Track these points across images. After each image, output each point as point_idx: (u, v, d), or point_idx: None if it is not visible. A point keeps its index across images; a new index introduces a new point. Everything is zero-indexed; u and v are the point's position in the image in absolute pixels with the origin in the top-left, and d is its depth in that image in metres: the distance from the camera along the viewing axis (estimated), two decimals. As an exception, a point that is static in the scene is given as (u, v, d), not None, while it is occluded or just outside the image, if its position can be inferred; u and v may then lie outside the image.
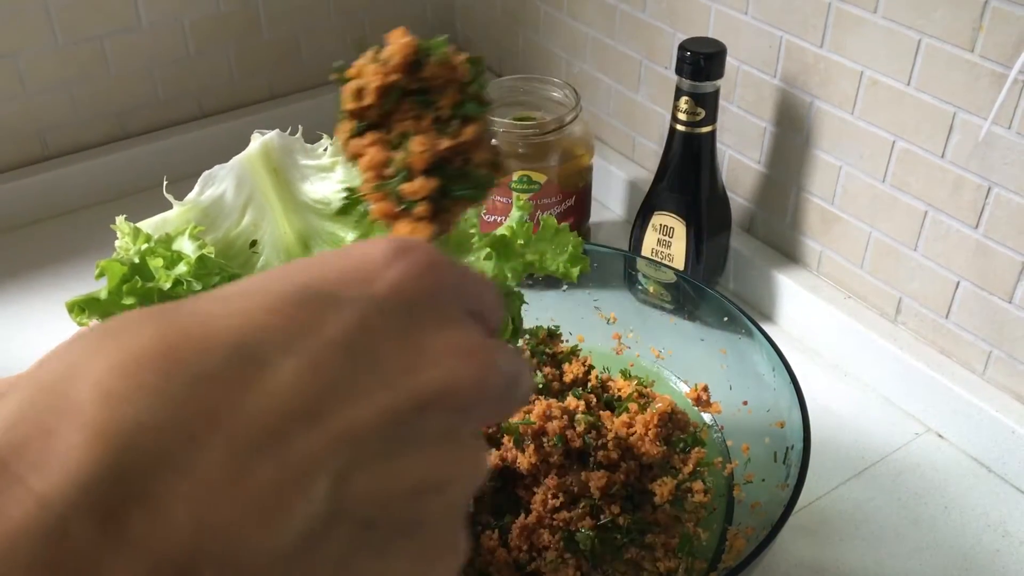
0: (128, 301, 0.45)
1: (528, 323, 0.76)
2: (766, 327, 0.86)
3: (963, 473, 0.75)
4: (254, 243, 0.53)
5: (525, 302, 0.50)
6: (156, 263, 0.46)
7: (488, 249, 0.49)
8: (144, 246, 0.47)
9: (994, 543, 0.69)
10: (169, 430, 0.21)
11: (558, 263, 0.51)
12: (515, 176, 0.87)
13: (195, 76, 1.07)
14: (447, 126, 0.37)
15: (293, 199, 0.55)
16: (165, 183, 0.53)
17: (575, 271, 0.51)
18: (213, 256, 0.49)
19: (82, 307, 0.45)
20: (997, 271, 0.72)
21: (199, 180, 0.54)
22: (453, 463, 0.26)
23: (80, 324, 0.45)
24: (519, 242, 0.50)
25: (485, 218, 0.89)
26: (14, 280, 0.94)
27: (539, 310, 0.77)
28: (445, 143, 0.37)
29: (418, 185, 0.37)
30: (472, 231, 0.53)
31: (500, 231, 0.51)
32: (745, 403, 0.70)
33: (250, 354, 0.23)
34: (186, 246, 0.48)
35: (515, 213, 0.52)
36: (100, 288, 0.45)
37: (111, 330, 0.23)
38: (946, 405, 0.76)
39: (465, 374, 0.26)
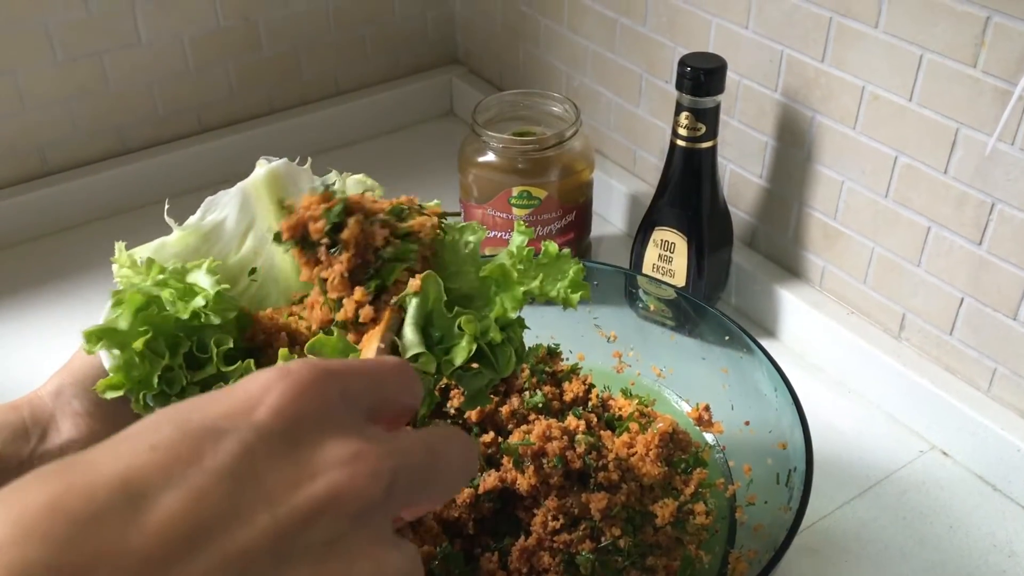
0: (144, 329, 0.44)
1: (528, 341, 0.75)
2: (768, 343, 0.85)
3: (969, 492, 0.74)
4: (253, 271, 0.53)
5: (527, 327, 0.49)
6: (167, 295, 0.45)
7: (489, 279, 0.49)
8: (159, 276, 0.46)
9: (1000, 563, 0.69)
10: (57, 569, 0.23)
11: (558, 289, 0.50)
12: (515, 192, 0.86)
13: (195, 92, 1.07)
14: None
15: None
16: (167, 207, 0.52)
17: (575, 297, 0.50)
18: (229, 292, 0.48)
19: (99, 336, 0.44)
20: (1001, 288, 0.71)
21: (202, 205, 0.53)
22: (347, 567, 0.27)
23: (90, 352, 0.45)
24: (518, 270, 0.49)
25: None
26: (14, 296, 0.93)
27: (539, 328, 0.77)
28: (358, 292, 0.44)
29: (350, 311, 0.44)
30: (467, 251, 0.52)
31: (500, 259, 0.50)
32: (747, 423, 0.69)
33: (133, 492, 0.25)
34: (203, 280, 0.48)
35: (516, 238, 0.52)
36: (117, 317, 0.44)
37: (7, 491, 0.25)
38: (951, 423, 0.76)
39: (347, 482, 0.28)
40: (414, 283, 0.45)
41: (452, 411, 0.69)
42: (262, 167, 0.53)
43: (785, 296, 0.86)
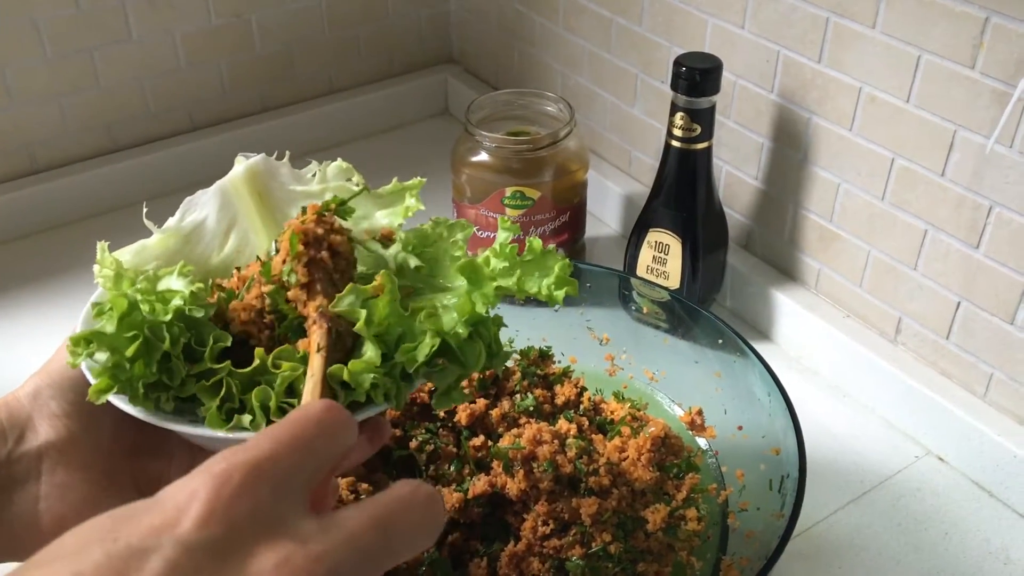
0: (130, 335, 0.44)
1: (519, 343, 0.75)
2: (763, 346, 0.84)
3: (964, 498, 0.73)
4: (238, 270, 0.52)
5: (504, 324, 0.48)
6: (144, 307, 0.45)
7: (461, 277, 0.48)
8: (131, 290, 0.46)
9: (996, 570, 0.68)
10: None
11: (541, 286, 0.49)
12: (508, 192, 0.86)
13: (187, 89, 1.06)
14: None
15: (279, 225, 0.53)
16: (145, 210, 0.52)
17: (560, 294, 0.49)
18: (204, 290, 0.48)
19: (88, 341, 0.44)
20: (999, 292, 0.70)
21: (181, 205, 0.52)
22: None
23: (74, 358, 0.44)
24: (495, 267, 0.49)
25: (478, 234, 0.88)
26: (3, 295, 0.92)
27: (530, 330, 0.76)
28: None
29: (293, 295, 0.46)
30: (458, 253, 0.52)
31: (480, 256, 0.50)
32: (740, 428, 0.68)
33: None
34: (175, 284, 0.47)
35: (500, 234, 0.51)
36: (104, 322, 0.44)
37: None
38: (947, 428, 0.75)
39: None
40: (375, 284, 0.45)
41: (442, 414, 0.68)
42: (240, 164, 0.53)
43: (780, 299, 0.85)
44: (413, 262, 0.49)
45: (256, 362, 0.45)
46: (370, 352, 0.44)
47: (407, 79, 1.19)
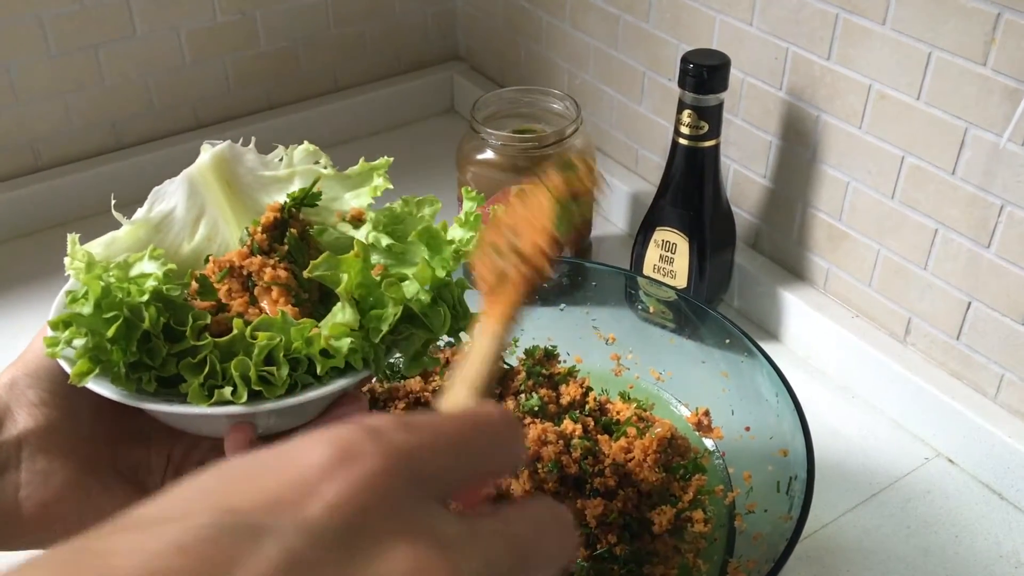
0: (108, 316, 0.44)
1: (525, 342, 0.74)
2: (771, 346, 0.84)
3: (974, 500, 0.72)
4: (208, 258, 0.51)
5: (468, 286, 0.48)
6: (116, 292, 0.45)
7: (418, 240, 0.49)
8: (104, 276, 0.46)
9: (1007, 573, 0.67)
10: None
11: None
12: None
13: (191, 86, 1.05)
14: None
15: (249, 212, 0.53)
16: (113, 201, 0.52)
17: None
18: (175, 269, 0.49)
19: (67, 324, 0.44)
20: (1010, 291, 0.69)
21: (148, 197, 0.53)
22: None
23: (52, 345, 0.44)
24: (460, 236, 0.49)
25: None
26: (7, 293, 0.92)
27: (536, 329, 0.75)
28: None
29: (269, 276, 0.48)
30: (422, 224, 0.52)
31: (438, 223, 0.50)
32: (747, 429, 0.68)
33: None
34: (148, 267, 0.47)
35: (465, 204, 0.51)
36: (80, 305, 0.44)
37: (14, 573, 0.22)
38: (957, 429, 0.74)
39: None
40: (352, 253, 0.46)
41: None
42: (206, 152, 0.53)
43: (788, 298, 0.85)
44: (385, 241, 0.49)
45: (234, 331, 0.45)
46: (349, 313, 0.45)
47: (413, 76, 1.18)
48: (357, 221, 0.52)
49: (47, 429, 0.47)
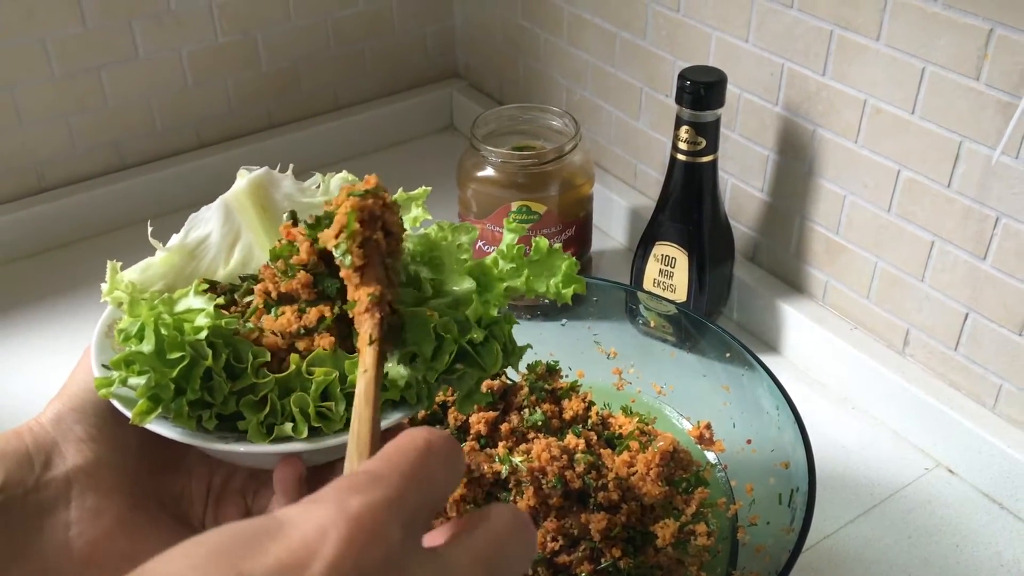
0: (174, 356, 0.43)
1: (527, 358, 0.74)
2: (771, 358, 0.84)
3: (975, 510, 0.73)
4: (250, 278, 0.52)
5: (516, 322, 0.48)
6: (175, 331, 0.44)
7: (469, 279, 0.48)
8: (153, 313, 0.45)
9: (1008, 583, 0.67)
10: None
11: (549, 285, 0.49)
12: (514, 206, 0.86)
13: (194, 107, 1.06)
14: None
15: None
16: (150, 228, 0.52)
17: (568, 292, 0.49)
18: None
19: (129, 363, 0.42)
20: (1007, 303, 0.70)
21: (185, 223, 0.52)
22: None
23: (105, 382, 0.43)
24: (503, 268, 0.49)
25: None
26: (11, 314, 0.93)
27: (538, 344, 0.75)
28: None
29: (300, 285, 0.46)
30: (464, 256, 0.52)
31: (488, 258, 0.50)
32: (749, 441, 0.68)
33: None
34: (196, 303, 0.46)
35: (507, 236, 0.51)
36: (140, 343, 0.43)
37: None
38: (956, 440, 0.75)
39: None
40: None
41: (453, 425, 0.68)
42: (243, 178, 0.53)
43: (787, 311, 0.85)
44: (425, 273, 0.49)
45: (291, 367, 0.44)
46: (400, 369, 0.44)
47: (412, 94, 1.19)
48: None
49: (96, 465, 0.46)
